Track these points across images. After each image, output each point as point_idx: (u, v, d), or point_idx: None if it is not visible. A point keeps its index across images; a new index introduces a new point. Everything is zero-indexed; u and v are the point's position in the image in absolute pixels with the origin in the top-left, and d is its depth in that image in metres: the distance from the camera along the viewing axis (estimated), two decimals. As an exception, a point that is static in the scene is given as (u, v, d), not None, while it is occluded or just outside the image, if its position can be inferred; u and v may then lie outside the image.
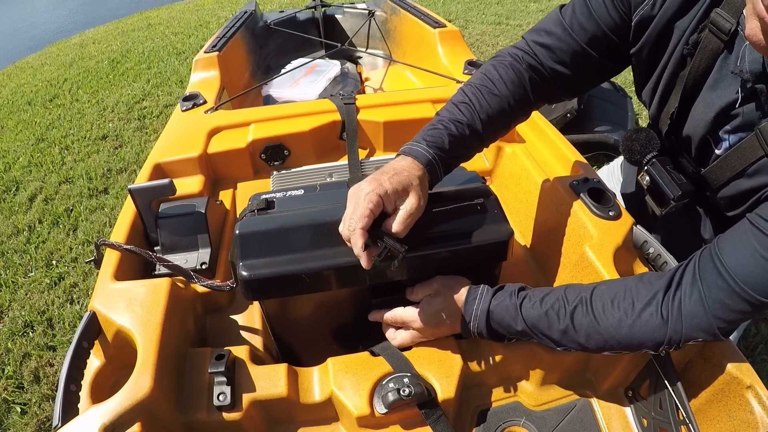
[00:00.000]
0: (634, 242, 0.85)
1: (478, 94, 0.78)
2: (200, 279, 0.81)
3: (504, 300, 0.70)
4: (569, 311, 0.66)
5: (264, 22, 2.15)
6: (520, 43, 0.83)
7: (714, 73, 0.66)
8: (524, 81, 0.80)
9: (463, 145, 0.76)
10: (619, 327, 0.63)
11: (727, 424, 0.66)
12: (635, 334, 0.62)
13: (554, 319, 0.66)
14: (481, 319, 0.70)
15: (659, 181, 0.78)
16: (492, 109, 0.77)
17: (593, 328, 0.64)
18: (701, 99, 0.69)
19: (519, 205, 1.08)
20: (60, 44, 5.33)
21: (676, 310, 0.60)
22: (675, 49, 0.70)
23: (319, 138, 1.20)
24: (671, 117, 0.75)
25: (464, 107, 0.77)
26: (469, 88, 0.80)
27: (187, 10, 5.85)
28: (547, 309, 0.67)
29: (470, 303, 0.71)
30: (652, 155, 0.80)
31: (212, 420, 0.68)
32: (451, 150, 0.74)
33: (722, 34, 0.63)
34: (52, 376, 1.65)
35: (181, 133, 1.19)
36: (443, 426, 0.68)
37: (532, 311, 0.67)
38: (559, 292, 0.68)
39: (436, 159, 0.72)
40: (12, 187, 2.65)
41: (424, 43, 1.75)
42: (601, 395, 0.79)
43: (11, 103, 3.74)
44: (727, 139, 0.67)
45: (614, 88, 2.53)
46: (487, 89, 0.78)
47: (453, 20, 4.60)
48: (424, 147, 0.72)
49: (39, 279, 2.03)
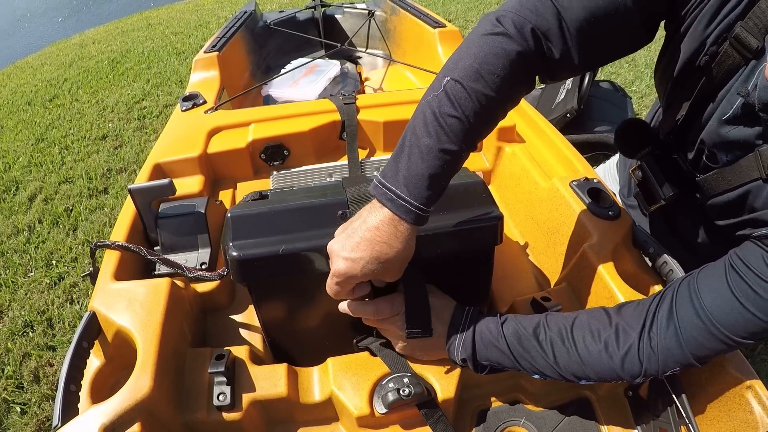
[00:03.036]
0: (634, 242, 0.85)
1: (477, 90, 0.59)
2: (190, 270, 0.81)
3: (488, 322, 0.68)
4: (549, 337, 0.65)
5: (264, 22, 2.15)
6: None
7: (727, 86, 0.63)
8: (519, 65, 0.61)
9: (459, 156, 0.61)
10: (599, 361, 0.63)
11: (727, 424, 0.66)
12: (613, 369, 0.62)
13: (533, 344, 0.65)
14: (467, 340, 0.68)
15: (652, 180, 0.77)
16: (489, 103, 0.60)
17: (573, 358, 0.64)
18: (709, 111, 0.66)
19: (519, 205, 1.08)
20: (60, 44, 5.33)
21: (652, 347, 0.61)
22: (697, 55, 0.64)
23: (319, 138, 1.20)
24: (677, 122, 0.73)
25: (460, 110, 0.59)
26: (466, 80, 0.60)
27: (186, 10, 5.85)
28: (529, 332, 0.66)
29: (456, 323, 0.69)
30: (648, 150, 0.79)
31: (212, 420, 0.68)
32: (447, 174, 0.61)
33: (746, 51, 0.57)
34: (52, 376, 1.65)
35: (181, 133, 1.19)
36: (443, 426, 0.68)
37: (514, 332, 0.66)
38: (539, 319, 0.67)
39: (421, 209, 0.59)
40: (12, 187, 2.65)
41: (423, 43, 1.76)
42: (601, 395, 0.79)
43: (11, 103, 3.74)
44: (725, 155, 0.65)
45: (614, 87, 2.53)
46: (485, 83, 0.60)
47: (453, 20, 4.60)
48: (408, 200, 0.58)
49: (39, 279, 2.03)
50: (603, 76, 3.15)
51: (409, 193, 0.58)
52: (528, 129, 1.17)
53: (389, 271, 0.61)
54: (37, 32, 6.09)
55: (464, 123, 0.59)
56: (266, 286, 0.73)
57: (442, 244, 0.71)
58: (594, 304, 0.78)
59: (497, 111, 0.64)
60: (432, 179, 0.58)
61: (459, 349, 0.68)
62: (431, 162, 0.58)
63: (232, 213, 0.71)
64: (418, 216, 0.59)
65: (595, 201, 0.86)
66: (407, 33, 1.95)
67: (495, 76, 0.60)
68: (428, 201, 0.59)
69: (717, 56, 0.61)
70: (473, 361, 0.68)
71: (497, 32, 0.61)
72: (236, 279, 0.70)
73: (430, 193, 0.59)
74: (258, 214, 0.70)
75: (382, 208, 0.59)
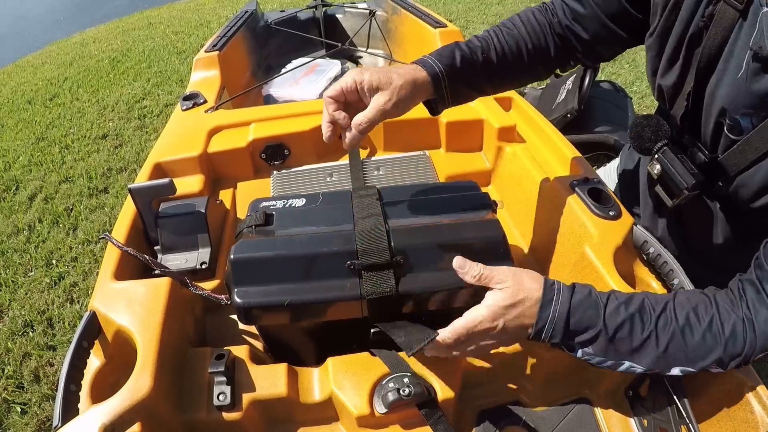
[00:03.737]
0: (634, 242, 0.85)
1: (497, 31, 0.82)
2: (196, 287, 0.80)
3: (585, 298, 0.62)
4: (654, 316, 0.60)
5: (265, 21, 2.15)
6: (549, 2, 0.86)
7: (729, 45, 0.62)
8: (546, 32, 0.83)
9: (473, 70, 0.78)
10: (702, 338, 0.59)
11: (727, 424, 0.66)
12: (717, 347, 0.59)
13: (638, 324, 0.60)
14: (558, 322, 0.61)
15: (671, 170, 0.75)
16: (509, 46, 0.80)
17: (675, 337, 0.59)
18: (716, 76, 0.65)
19: (519, 205, 1.08)
20: (60, 43, 5.32)
21: (755, 331, 0.58)
22: (690, 22, 0.66)
23: (319, 138, 1.19)
24: (687, 98, 0.71)
25: (481, 39, 0.81)
26: (490, 28, 0.83)
27: (187, 9, 5.85)
28: (632, 313, 0.60)
29: (546, 304, 0.61)
30: (663, 143, 0.77)
31: (212, 420, 0.68)
32: (462, 69, 0.75)
33: (737, 3, 0.59)
34: (52, 375, 1.65)
35: (182, 133, 1.19)
36: (443, 426, 0.68)
37: (616, 315, 0.60)
38: (641, 297, 0.63)
39: (442, 72, 0.73)
40: (12, 186, 2.65)
41: (424, 43, 1.75)
42: (601, 395, 0.79)
43: (11, 101, 3.74)
44: (749, 119, 0.63)
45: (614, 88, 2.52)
46: (507, 29, 0.82)
47: (454, 20, 4.60)
48: (432, 58, 0.75)
49: (39, 278, 2.03)
50: (603, 77, 3.15)
51: (436, 55, 0.76)
52: (528, 129, 1.17)
53: (391, 87, 0.69)
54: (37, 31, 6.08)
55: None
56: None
57: (453, 299, 0.71)
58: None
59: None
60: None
61: (552, 322, 0.62)
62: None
63: (234, 255, 0.69)
64: (435, 73, 0.74)
65: (596, 201, 0.86)
66: (408, 33, 1.95)
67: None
68: (448, 66, 0.75)
69: (713, 16, 0.63)
70: (564, 332, 0.61)
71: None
72: (241, 321, 0.70)
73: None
74: (261, 259, 0.69)
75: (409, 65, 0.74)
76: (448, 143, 1.22)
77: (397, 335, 0.68)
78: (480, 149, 1.23)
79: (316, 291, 0.68)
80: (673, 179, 0.75)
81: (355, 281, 0.69)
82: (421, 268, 0.70)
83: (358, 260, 0.69)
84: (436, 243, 0.71)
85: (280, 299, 0.67)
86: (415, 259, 0.70)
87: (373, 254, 0.69)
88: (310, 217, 0.77)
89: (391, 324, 0.70)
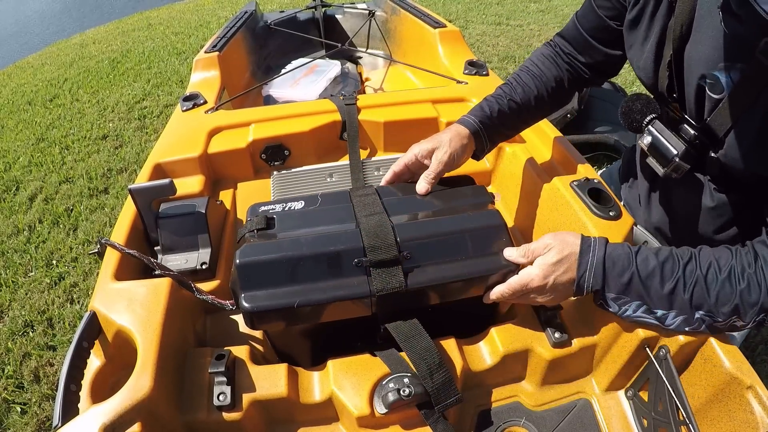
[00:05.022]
0: (634, 242, 0.85)
1: (517, 77, 0.95)
2: (201, 292, 0.79)
3: (618, 248, 0.68)
4: (682, 265, 0.65)
5: (264, 22, 2.15)
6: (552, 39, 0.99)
7: (698, 9, 0.66)
8: (556, 63, 0.95)
9: (504, 116, 0.91)
10: (722, 286, 0.63)
11: (727, 424, 0.66)
12: (734, 294, 0.63)
13: (668, 271, 0.65)
14: (597, 267, 0.68)
15: (661, 138, 0.77)
16: (530, 87, 0.93)
17: (699, 283, 0.64)
18: (692, 39, 0.68)
19: (519, 205, 1.08)
20: (60, 44, 5.33)
21: (764, 279, 0.62)
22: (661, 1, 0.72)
23: (319, 138, 1.20)
24: (669, 67, 0.73)
25: (505, 86, 0.95)
26: (512, 76, 0.97)
27: (187, 10, 5.85)
28: (662, 260, 0.66)
29: (585, 251, 0.69)
30: (652, 117, 0.80)
31: (212, 420, 0.68)
32: (493, 119, 0.89)
33: None
34: (52, 375, 1.65)
35: (182, 133, 1.19)
36: (443, 426, 0.68)
37: (647, 261, 0.66)
38: (669, 249, 0.68)
39: (480, 126, 0.87)
40: (12, 187, 2.66)
41: (424, 43, 1.76)
42: (601, 395, 0.79)
43: (11, 102, 3.74)
44: (727, 74, 0.65)
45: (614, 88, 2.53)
46: (526, 72, 0.95)
47: (453, 20, 4.60)
48: (470, 117, 0.89)
49: (39, 279, 2.03)
50: (603, 77, 3.15)
51: (471, 114, 0.91)
52: (528, 129, 1.17)
53: (443, 143, 0.84)
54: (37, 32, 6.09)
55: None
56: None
57: (462, 290, 0.72)
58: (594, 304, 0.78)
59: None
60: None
61: (592, 269, 0.68)
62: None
63: (240, 260, 0.68)
64: (475, 128, 0.88)
65: (596, 201, 0.86)
66: (408, 33, 1.95)
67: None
68: (484, 119, 0.90)
69: None
70: (604, 279, 0.68)
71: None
72: (249, 326, 0.69)
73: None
74: (267, 262, 0.68)
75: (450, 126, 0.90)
76: (448, 143, 1.22)
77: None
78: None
79: (325, 291, 0.68)
80: (663, 150, 0.77)
81: (363, 278, 0.69)
82: (429, 262, 0.71)
83: (366, 257, 0.69)
84: (440, 236, 0.72)
85: (288, 301, 0.66)
86: (421, 253, 0.71)
87: (380, 250, 0.69)
88: (311, 218, 0.76)
89: (404, 335, 0.71)
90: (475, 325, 0.80)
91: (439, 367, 0.68)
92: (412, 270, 0.70)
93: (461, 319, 0.81)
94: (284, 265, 0.68)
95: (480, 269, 0.71)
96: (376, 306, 0.70)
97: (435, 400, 0.67)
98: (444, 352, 0.74)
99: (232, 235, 1.02)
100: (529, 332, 0.77)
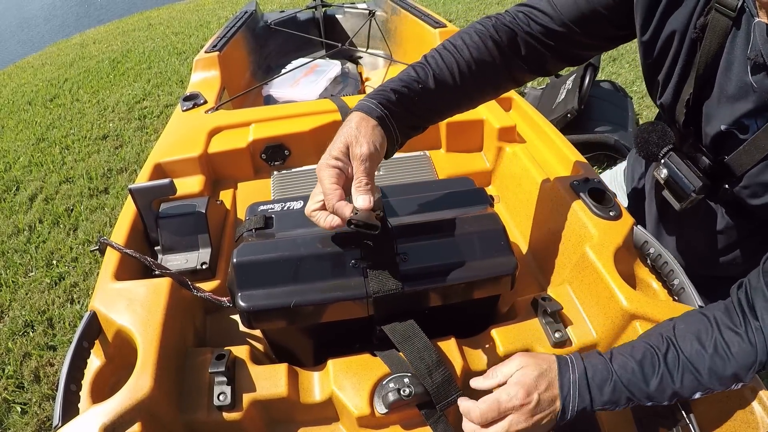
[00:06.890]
0: (635, 242, 0.85)
1: (435, 55, 0.76)
2: (197, 288, 0.80)
3: (592, 357, 0.64)
4: (661, 356, 0.62)
5: (264, 22, 2.15)
6: (509, 10, 0.80)
7: (726, 54, 0.64)
8: (490, 46, 0.76)
9: (414, 102, 0.72)
10: (712, 362, 0.60)
11: (727, 424, 0.66)
12: (728, 366, 0.60)
13: (649, 368, 0.62)
14: (581, 381, 0.62)
15: (678, 174, 0.76)
16: (449, 71, 0.74)
17: (687, 369, 0.61)
18: (717, 84, 0.67)
19: (519, 205, 1.08)
20: (60, 44, 5.33)
21: (759, 333, 0.59)
22: (685, 35, 0.68)
23: (319, 138, 1.20)
24: (686, 105, 0.72)
25: (419, 67, 0.75)
26: (429, 53, 0.78)
27: (187, 10, 5.85)
28: (640, 360, 0.62)
29: (562, 360, 0.64)
30: (669, 148, 0.78)
31: (212, 420, 0.68)
32: (400, 104, 0.70)
33: (729, 11, 0.61)
34: (53, 375, 1.65)
35: (182, 133, 1.19)
36: (443, 426, 0.68)
37: (625, 366, 0.62)
38: (642, 343, 0.64)
39: (385, 113, 0.68)
40: (12, 187, 2.66)
41: (424, 43, 1.75)
42: (601, 395, 0.79)
43: (12, 102, 3.74)
44: (753, 119, 0.65)
45: (614, 88, 2.53)
46: (447, 52, 0.76)
47: (453, 20, 4.60)
48: (373, 102, 0.68)
49: (39, 279, 2.03)
50: (604, 77, 3.15)
51: (375, 97, 0.69)
52: (528, 129, 1.17)
53: (356, 139, 0.65)
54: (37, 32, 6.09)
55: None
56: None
57: (459, 293, 0.72)
58: (594, 304, 0.78)
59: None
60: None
61: (575, 387, 0.63)
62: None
63: (237, 259, 0.68)
64: (380, 115, 0.67)
65: (596, 201, 0.86)
66: (408, 33, 1.95)
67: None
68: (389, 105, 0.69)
69: (706, 26, 0.64)
70: (589, 395, 0.62)
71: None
72: (245, 325, 0.70)
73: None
74: (264, 262, 0.68)
75: (351, 115, 0.68)
76: (448, 143, 1.22)
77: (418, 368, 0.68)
78: (480, 149, 1.23)
79: (322, 291, 0.68)
80: (681, 183, 0.76)
81: (360, 280, 0.69)
82: (426, 264, 0.71)
83: (363, 259, 0.69)
84: (438, 238, 0.72)
85: (284, 301, 0.66)
86: (418, 255, 0.71)
87: (377, 252, 0.69)
88: (312, 232, 0.76)
89: (403, 337, 0.70)
90: (475, 325, 0.80)
91: (437, 365, 0.67)
92: (409, 272, 0.70)
93: (460, 319, 0.81)
94: (281, 265, 0.68)
95: (478, 273, 0.71)
96: (373, 308, 0.70)
97: (436, 398, 0.67)
98: (444, 352, 0.74)
99: (232, 235, 1.02)
100: (529, 332, 0.77)
